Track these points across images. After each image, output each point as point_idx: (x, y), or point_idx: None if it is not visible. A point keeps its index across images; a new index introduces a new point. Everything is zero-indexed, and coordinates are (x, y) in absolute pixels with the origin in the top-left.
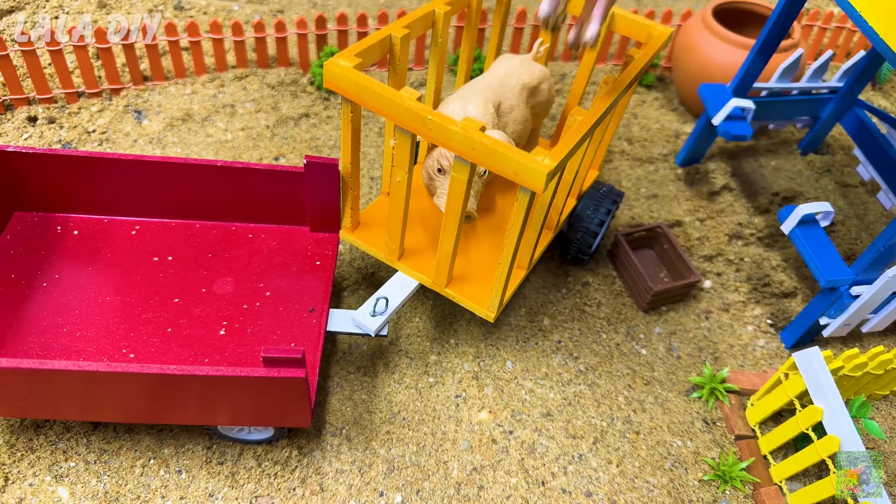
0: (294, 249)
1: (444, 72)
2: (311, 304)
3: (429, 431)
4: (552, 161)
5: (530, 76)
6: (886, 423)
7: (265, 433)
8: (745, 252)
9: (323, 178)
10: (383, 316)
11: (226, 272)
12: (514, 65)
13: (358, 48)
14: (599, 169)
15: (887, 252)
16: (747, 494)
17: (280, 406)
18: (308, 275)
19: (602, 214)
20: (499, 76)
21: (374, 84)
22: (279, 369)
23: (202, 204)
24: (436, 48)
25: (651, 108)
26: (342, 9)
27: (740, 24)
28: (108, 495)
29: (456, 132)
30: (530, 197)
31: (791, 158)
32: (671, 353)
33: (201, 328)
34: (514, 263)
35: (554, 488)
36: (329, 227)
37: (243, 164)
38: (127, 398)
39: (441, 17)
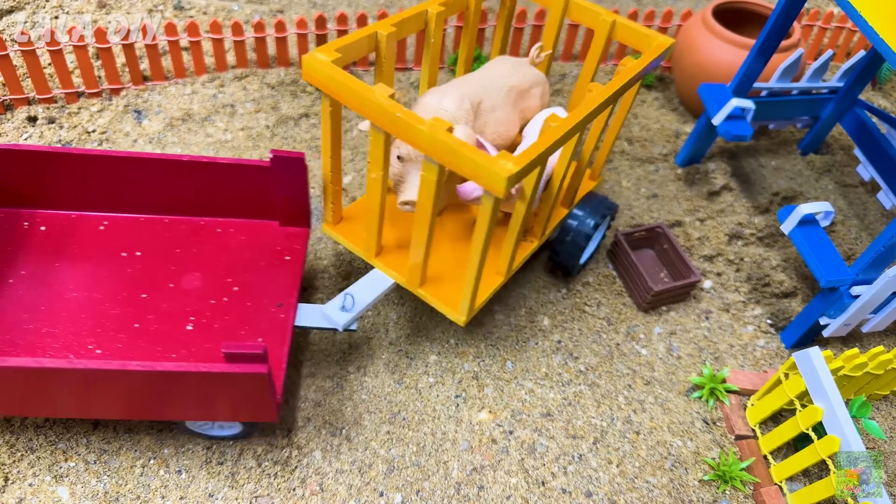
0: (263, 244)
1: (437, 72)
2: (279, 298)
3: (429, 431)
4: (515, 165)
5: (521, 79)
6: (886, 423)
7: (232, 429)
8: (745, 252)
9: (289, 172)
10: (352, 312)
11: (194, 267)
12: (506, 66)
13: (339, 43)
14: (598, 179)
15: (887, 252)
16: (747, 494)
17: (244, 401)
18: (277, 269)
19: (590, 227)
20: (487, 75)
21: (348, 79)
22: (241, 365)
23: (170, 199)
24: (428, 48)
25: (651, 108)
26: (342, 9)
27: (740, 23)
28: (108, 495)
29: (422, 131)
30: (494, 201)
31: (791, 158)
32: (671, 353)
33: (168, 323)
34: (482, 268)
35: (554, 488)
36: (298, 222)
37: (210, 159)
38: (88, 394)
39: (434, 17)
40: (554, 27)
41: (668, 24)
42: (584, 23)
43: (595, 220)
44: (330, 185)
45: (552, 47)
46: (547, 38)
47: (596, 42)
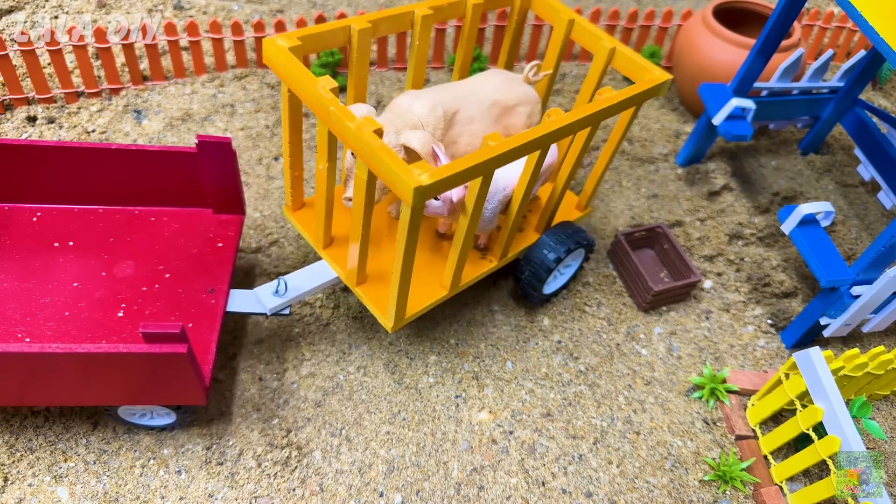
0: (196, 232)
1: (423, 74)
2: (210, 284)
3: (429, 432)
4: (429, 178)
5: (507, 95)
6: (887, 423)
7: (166, 418)
8: (745, 252)
9: (218, 157)
10: (284, 298)
11: (127, 256)
12: (495, 80)
13: (304, 32)
14: (585, 210)
15: (888, 252)
16: (748, 495)
17: (168, 383)
18: (209, 256)
19: (551, 260)
20: (471, 86)
21: (297, 68)
22: (160, 345)
23: (103, 189)
24: (413, 51)
25: (651, 108)
26: (342, 8)
27: (741, 23)
28: (107, 496)
29: (349, 129)
30: (412, 210)
31: (791, 158)
32: (671, 353)
33: (100, 311)
34: (406, 277)
35: (554, 489)
36: (232, 209)
37: (137, 147)
38: (13, 380)
39: (419, 19)
40: (557, 46)
41: (668, 23)
42: (585, 45)
43: (559, 252)
44: (289, 170)
45: (554, 67)
46: (549, 58)
47: (594, 67)
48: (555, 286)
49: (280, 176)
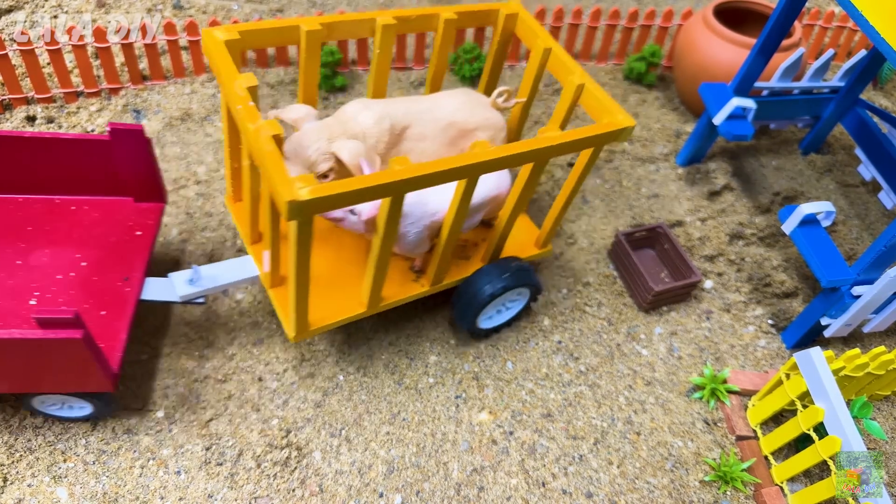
0: (115, 220)
1: (385, 82)
2: (126, 273)
3: (429, 432)
4: (310, 194)
5: (467, 117)
6: (888, 423)
7: (82, 409)
8: (746, 252)
9: (132, 145)
10: (198, 287)
11: (44, 244)
12: (457, 100)
13: (246, 26)
14: (544, 248)
15: (889, 252)
16: (748, 495)
17: (70, 369)
18: (127, 245)
19: (485, 295)
20: (429, 102)
21: (224, 62)
22: (54, 331)
23: (22, 178)
24: (374, 59)
25: (652, 108)
26: (342, 7)
27: (741, 23)
28: (106, 496)
29: (248, 130)
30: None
31: (792, 158)
32: (672, 354)
33: (12, 299)
34: (302, 288)
35: (554, 489)
36: (153, 197)
37: (51, 135)
38: None
39: (380, 27)
40: (531, 74)
41: (668, 23)
42: (557, 77)
43: (495, 288)
44: (228, 161)
45: (529, 95)
46: (524, 85)
47: (561, 102)
48: (495, 322)
49: None
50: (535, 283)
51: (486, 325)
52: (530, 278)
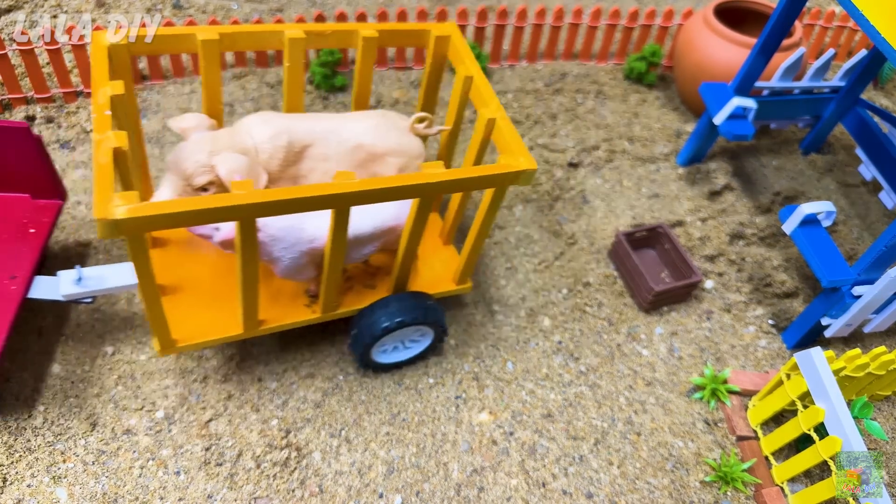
0: (10, 218)
1: (300, 97)
2: (14, 271)
3: (429, 432)
4: (126, 213)
5: (377, 140)
6: (888, 423)
7: None
8: (746, 252)
9: (18, 143)
10: (82, 288)
11: None
12: (371, 122)
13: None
14: (462, 285)
15: (889, 252)
16: (749, 496)
17: None
18: (18, 243)
19: (378, 328)
20: (338, 122)
21: (98, 67)
22: None
23: None
24: (286, 73)
25: (652, 108)
26: (341, 7)
27: (742, 22)
28: (106, 496)
29: (93, 138)
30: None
31: (793, 158)
32: (672, 354)
33: None
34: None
35: (555, 490)
36: (50, 195)
37: None
38: None
39: (287, 42)
40: (455, 101)
41: (669, 22)
42: (475, 107)
43: (391, 322)
44: None
45: (455, 123)
46: (448, 114)
47: (475, 136)
48: (395, 358)
49: None
50: (438, 322)
51: (382, 360)
52: (433, 317)
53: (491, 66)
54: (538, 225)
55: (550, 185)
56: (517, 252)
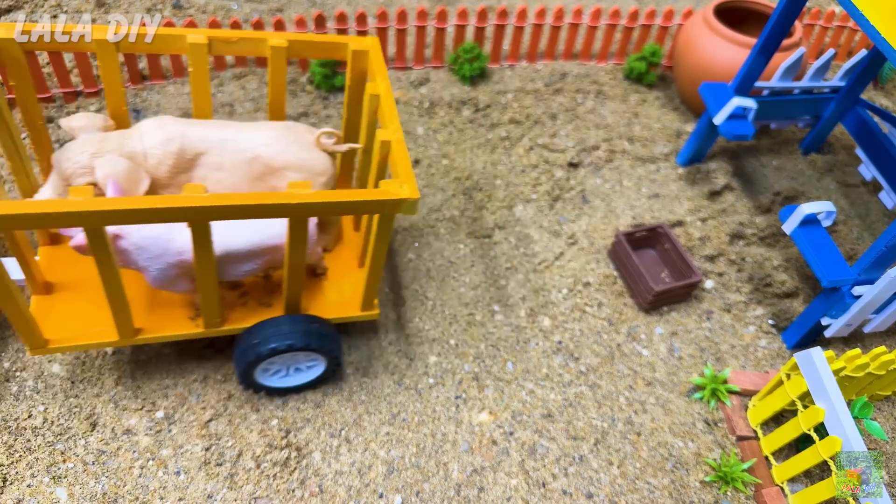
0: None
1: (206, 100)
2: None
3: (429, 433)
4: None
5: (276, 154)
6: (888, 423)
7: None
8: (746, 252)
9: None
10: None
11: None
12: (272, 134)
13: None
14: (368, 310)
15: (889, 252)
16: (749, 496)
17: None
18: None
19: (253, 353)
20: (237, 131)
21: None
22: None
23: None
24: (190, 77)
25: (652, 108)
26: (341, 7)
27: (742, 22)
28: (106, 496)
29: None
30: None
31: (793, 158)
32: (672, 354)
33: None
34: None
35: (555, 489)
36: None
37: None
38: None
39: (189, 47)
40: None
41: (669, 22)
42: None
43: (277, 344)
44: None
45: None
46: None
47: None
48: (285, 383)
49: None
50: (330, 352)
51: (267, 382)
52: (324, 345)
53: (491, 65)
54: (538, 225)
55: (550, 185)
56: (517, 252)
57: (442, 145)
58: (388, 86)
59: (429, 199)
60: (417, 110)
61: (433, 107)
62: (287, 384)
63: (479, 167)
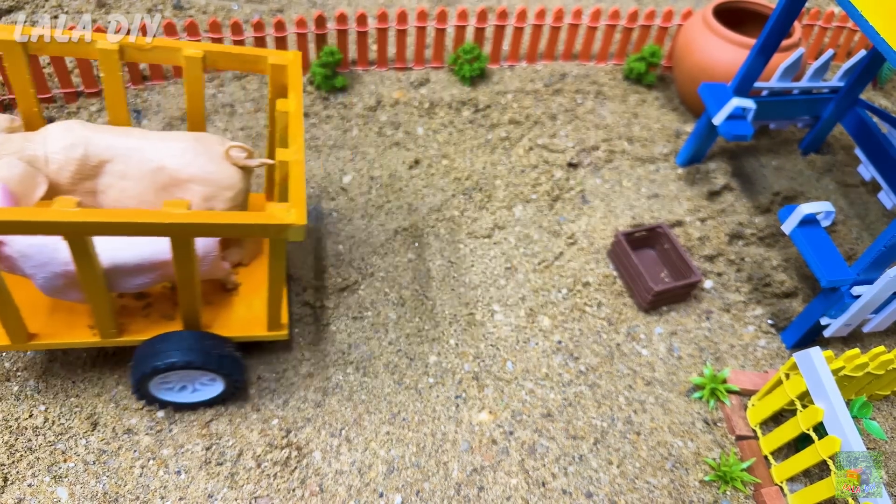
0: None
1: (121, 108)
2: None
3: (429, 432)
4: None
5: (182, 165)
6: (887, 423)
7: None
8: (746, 252)
9: None
10: None
11: None
12: (180, 145)
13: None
14: (276, 331)
15: (888, 252)
16: (748, 495)
17: None
18: None
19: (152, 365)
20: (145, 141)
21: None
22: None
23: None
24: (103, 83)
25: (652, 108)
26: (342, 8)
27: (741, 23)
28: (107, 496)
29: None
30: None
31: (792, 158)
32: (672, 354)
33: None
34: None
35: (554, 489)
36: None
37: None
38: None
39: (99, 52)
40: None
41: (668, 23)
42: None
43: (162, 361)
44: None
45: None
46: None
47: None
48: (180, 398)
49: None
50: (228, 373)
51: (165, 397)
52: (221, 365)
53: (491, 66)
54: (538, 225)
55: (550, 185)
56: (517, 252)
57: (442, 145)
58: (300, 103)
59: (429, 199)
60: (417, 111)
61: (433, 107)
62: (183, 399)
63: (479, 167)
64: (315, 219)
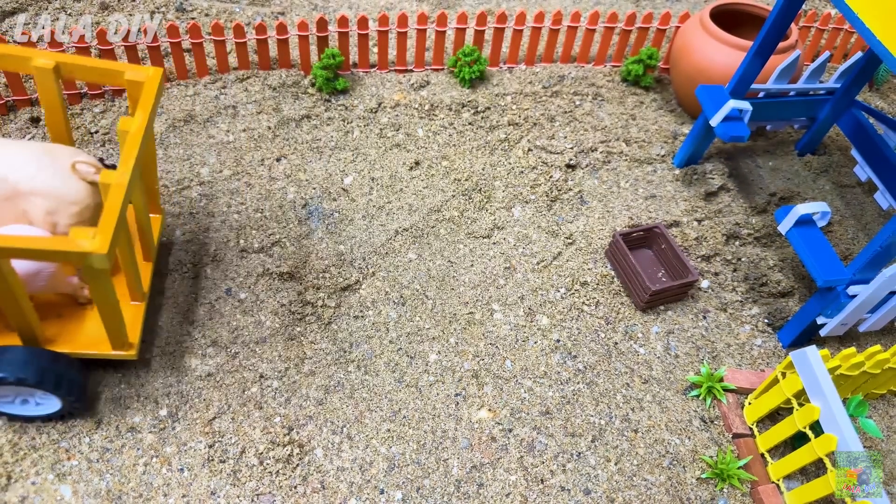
0: None
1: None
2: None
3: (429, 429)
4: None
5: (22, 178)
6: (884, 421)
7: None
8: (742, 252)
9: None
10: None
11: None
12: (25, 156)
13: None
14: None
15: (884, 252)
16: (745, 492)
17: None
18: None
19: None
20: None
21: None
22: None
23: None
24: None
25: (649, 110)
26: (343, 11)
27: (738, 25)
28: (110, 494)
29: None
30: None
31: (788, 159)
32: (669, 352)
33: None
34: None
35: (553, 486)
36: None
37: None
38: None
39: (36, 70)
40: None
41: (665, 25)
42: None
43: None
44: None
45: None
46: None
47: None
48: (18, 411)
49: (282, 177)
50: (63, 392)
51: (7, 410)
52: (56, 385)
53: (490, 68)
54: (536, 225)
55: (548, 186)
56: (516, 252)
57: (442, 147)
58: (144, 124)
59: (429, 200)
60: (418, 113)
61: (433, 109)
62: (27, 413)
63: (479, 169)
64: (317, 218)
